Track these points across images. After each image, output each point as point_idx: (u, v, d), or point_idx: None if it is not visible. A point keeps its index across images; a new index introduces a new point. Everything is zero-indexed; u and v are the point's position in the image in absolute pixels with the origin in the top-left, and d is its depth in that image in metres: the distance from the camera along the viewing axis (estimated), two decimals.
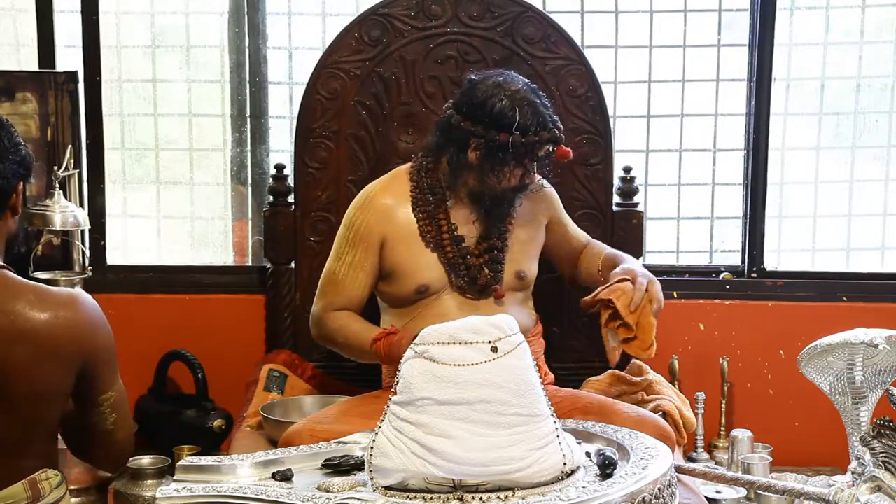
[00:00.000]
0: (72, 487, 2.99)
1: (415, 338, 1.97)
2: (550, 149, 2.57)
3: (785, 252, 3.53)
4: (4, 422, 1.99)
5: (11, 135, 2.13)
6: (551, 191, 2.87)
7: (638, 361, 2.99)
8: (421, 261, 2.65)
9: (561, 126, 2.61)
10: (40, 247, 3.23)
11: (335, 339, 2.69)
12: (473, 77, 2.62)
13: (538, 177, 2.76)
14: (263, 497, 1.84)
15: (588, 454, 2.02)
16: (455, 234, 2.66)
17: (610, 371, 2.94)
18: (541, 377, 1.98)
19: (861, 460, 2.13)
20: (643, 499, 1.82)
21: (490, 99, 2.53)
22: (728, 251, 3.53)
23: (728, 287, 3.41)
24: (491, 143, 2.52)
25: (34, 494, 2.04)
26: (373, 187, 2.74)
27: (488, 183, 2.58)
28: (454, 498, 1.81)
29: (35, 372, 1.98)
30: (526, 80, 2.62)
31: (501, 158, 2.53)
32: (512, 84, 2.56)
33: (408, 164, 2.76)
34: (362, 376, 2.99)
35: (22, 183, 2.12)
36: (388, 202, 2.68)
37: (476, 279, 2.64)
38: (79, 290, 2.13)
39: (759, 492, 2.79)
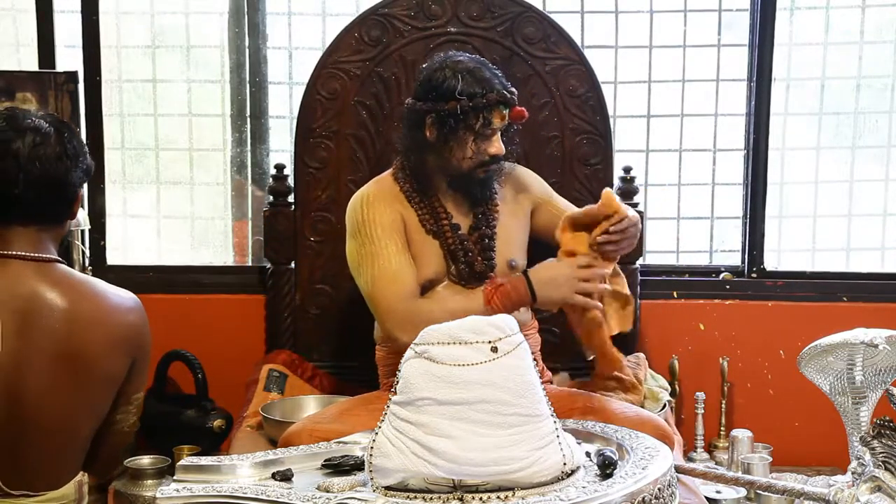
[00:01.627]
0: None
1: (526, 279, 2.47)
2: (505, 112, 2.57)
3: (785, 252, 3.53)
4: (74, 402, 2.16)
5: (82, 142, 2.27)
6: (529, 174, 2.84)
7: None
8: (426, 254, 2.64)
9: (513, 90, 2.61)
10: None
11: (437, 319, 2.45)
12: (424, 65, 2.70)
13: (511, 165, 2.77)
14: (263, 497, 1.84)
15: (588, 454, 2.01)
16: (452, 222, 2.66)
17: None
18: (541, 373, 1.98)
19: (861, 460, 2.13)
20: (643, 499, 1.81)
21: (434, 73, 2.61)
22: (728, 251, 3.53)
23: (728, 287, 3.41)
24: (441, 114, 2.57)
25: (80, 496, 2.22)
26: (365, 190, 2.71)
27: (450, 159, 2.60)
28: (454, 498, 1.81)
29: (106, 357, 2.19)
30: (473, 56, 2.71)
31: (454, 128, 2.57)
32: (454, 57, 2.64)
33: (388, 171, 2.75)
34: (362, 376, 2.99)
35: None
36: (389, 198, 2.68)
37: (473, 266, 2.64)
38: (133, 294, 2.34)
39: (759, 492, 2.80)
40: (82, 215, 3.16)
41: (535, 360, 2.73)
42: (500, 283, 2.56)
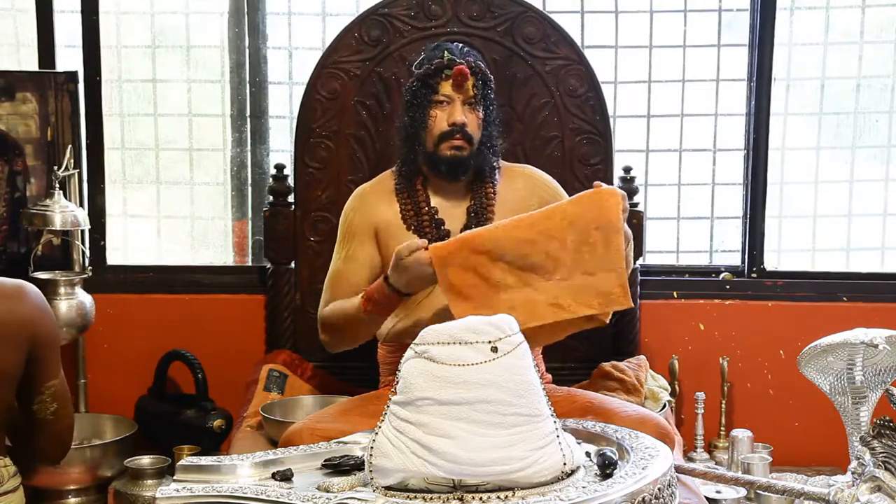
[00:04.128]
0: (71, 487, 3.01)
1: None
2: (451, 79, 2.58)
3: (785, 252, 3.53)
4: None
5: None
6: (540, 175, 2.79)
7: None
8: None
9: (471, 60, 2.61)
10: (40, 247, 3.23)
11: (335, 324, 2.64)
12: None
13: (524, 166, 2.75)
14: (263, 497, 1.84)
15: (588, 454, 2.01)
16: (435, 216, 2.66)
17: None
18: (541, 375, 1.98)
19: (861, 460, 2.13)
20: (643, 499, 1.81)
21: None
22: (728, 251, 3.53)
23: (728, 287, 3.41)
24: (407, 93, 2.65)
25: None
26: (361, 187, 2.79)
27: (420, 138, 2.62)
28: (454, 498, 1.80)
29: None
30: (458, 43, 2.73)
31: (414, 104, 2.62)
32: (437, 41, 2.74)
33: (394, 167, 2.78)
34: (362, 376, 2.99)
35: None
36: (375, 196, 2.72)
37: None
38: (23, 281, 2.21)
39: (759, 492, 2.80)
40: (82, 215, 3.16)
41: (535, 361, 2.74)
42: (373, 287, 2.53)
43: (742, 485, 2.64)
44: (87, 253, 3.37)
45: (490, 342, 1.88)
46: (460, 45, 2.71)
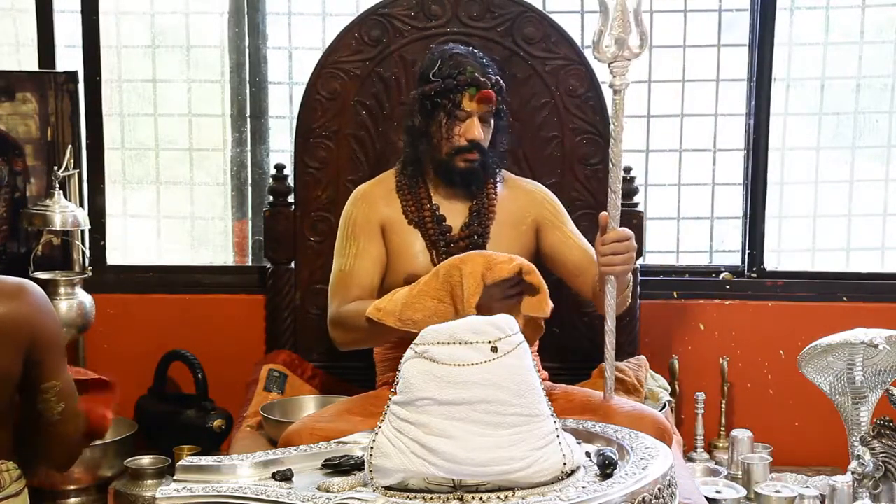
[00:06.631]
0: (72, 487, 3.01)
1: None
2: (475, 95, 2.58)
3: (785, 252, 3.54)
4: None
5: None
6: (545, 192, 2.81)
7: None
8: (409, 247, 2.67)
9: (491, 77, 2.62)
10: (40, 247, 3.23)
11: (355, 326, 2.58)
12: None
13: (531, 181, 2.77)
14: (263, 497, 1.84)
15: (588, 454, 2.01)
16: (437, 213, 2.67)
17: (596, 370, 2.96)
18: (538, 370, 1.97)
19: (861, 460, 2.13)
20: (643, 499, 1.81)
21: (424, 61, 2.71)
22: (728, 251, 3.53)
23: (728, 287, 3.41)
24: (421, 98, 2.64)
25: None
26: (360, 187, 2.80)
27: (433, 145, 2.63)
28: (454, 498, 1.80)
29: None
30: (471, 49, 2.75)
31: (430, 112, 2.62)
32: (448, 47, 2.74)
33: (395, 167, 2.79)
34: (362, 376, 2.99)
35: None
36: (376, 195, 2.73)
37: None
38: (25, 280, 2.18)
39: (758, 492, 2.80)
40: (82, 215, 3.16)
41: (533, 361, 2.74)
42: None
43: None
44: (87, 253, 3.37)
45: (490, 342, 1.88)
46: (479, 54, 2.70)
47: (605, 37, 2.43)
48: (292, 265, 3.20)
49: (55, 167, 3.18)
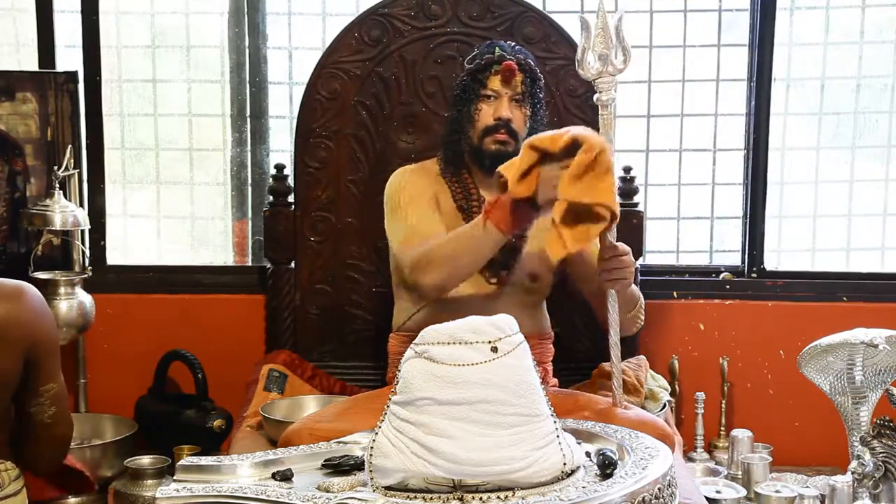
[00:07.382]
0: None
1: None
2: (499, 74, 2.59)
3: (785, 252, 3.54)
4: None
5: None
6: None
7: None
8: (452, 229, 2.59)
9: (519, 56, 2.63)
10: (40, 247, 3.23)
11: (447, 252, 2.45)
12: None
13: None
14: (263, 497, 1.84)
15: (588, 454, 2.01)
16: (483, 202, 2.64)
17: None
18: (544, 380, 1.97)
19: (861, 460, 2.13)
20: (643, 499, 1.81)
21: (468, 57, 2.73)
22: (728, 251, 3.53)
23: (728, 287, 3.41)
24: (457, 86, 2.69)
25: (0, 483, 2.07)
26: (403, 168, 2.78)
27: (468, 130, 2.64)
28: (454, 498, 1.80)
29: None
30: (509, 43, 2.74)
31: (461, 96, 2.65)
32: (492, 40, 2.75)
33: (437, 156, 2.79)
34: (362, 376, 2.99)
35: None
36: (424, 173, 2.73)
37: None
38: (23, 282, 2.18)
39: (758, 492, 2.80)
40: (82, 215, 3.16)
41: (544, 369, 2.73)
42: (492, 201, 2.41)
43: None
44: (87, 253, 3.37)
45: (490, 342, 1.88)
46: (512, 42, 2.74)
47: (588, 54, 2.48)
48: (292, 265, 3.20)
49: (55, 167, 3.18)
